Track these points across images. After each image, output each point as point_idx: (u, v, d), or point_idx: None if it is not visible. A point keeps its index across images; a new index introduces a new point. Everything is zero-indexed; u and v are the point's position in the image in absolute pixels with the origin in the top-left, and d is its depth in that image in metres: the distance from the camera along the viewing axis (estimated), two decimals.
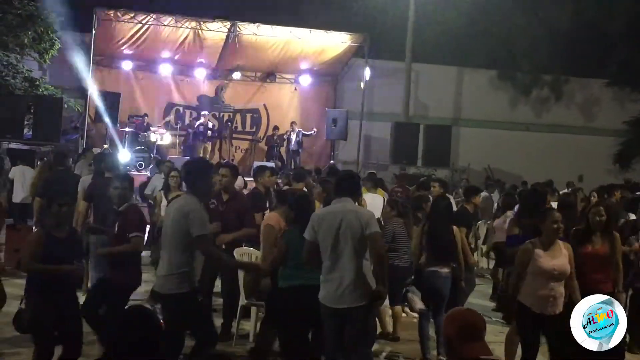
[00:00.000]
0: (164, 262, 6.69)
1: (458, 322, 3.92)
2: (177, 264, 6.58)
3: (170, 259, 6.62)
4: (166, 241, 6.72)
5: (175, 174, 11.19)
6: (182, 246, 6.58)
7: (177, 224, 6.60)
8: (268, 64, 25.64)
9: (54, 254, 6.83)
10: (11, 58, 21.98)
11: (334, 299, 6.59)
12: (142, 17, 22.67)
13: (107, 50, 23.98)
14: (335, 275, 6.58)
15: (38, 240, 6.95)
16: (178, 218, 6.61)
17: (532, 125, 29.45)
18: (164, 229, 6.86)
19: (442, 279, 8.63)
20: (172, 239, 6.64)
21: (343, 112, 24.64)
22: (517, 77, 30.00)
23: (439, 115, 27.89)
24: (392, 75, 26.64)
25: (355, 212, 6.76)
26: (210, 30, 23.41)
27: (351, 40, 24.45)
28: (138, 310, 4.04)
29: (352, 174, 8.07)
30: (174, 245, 6.61)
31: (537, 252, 7.05)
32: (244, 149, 26.18)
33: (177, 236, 6.59)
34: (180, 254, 6.58)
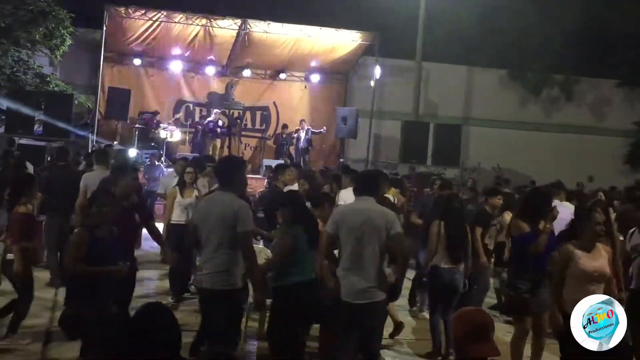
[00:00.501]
0: (210, 259, 6.70)
1: (466, 322, 3.92)
2: (226, 261, 6.64)
3: (217, 256, 6.65)
4: (211, 238, 6.70)
5: (190, 170, 11.10)
6: (229, 242, 6.62)
7: (225, 220, 6.63)
8: (278, 62, 25.66)
9: (98, 255, 6.73)
10: (22, 54, 22.05)
11: (355, 294, 6.69)
12: (153, 14, 22.71)
13: (118, 46, 24.04)
14: (358, 271, 6.69)
15: (81, 241, 6.76)
16: (225, 215, 6.64)
17: (542, 125, 29.37)
18: (206, 227, 6.76)
19: (458, 275, 8.88)
20: (219, 235, 6.65)
21: (353, 110, 24.63)
22: (527, 77, 29.90)
23: (449, 114, 27.85)
24: (402, 73, 26.60)
25: (381, 212, 6.88)
26: (221, 27, 23.43)
27: (361, 38, 24.44)
28: (155, 307, 4.02)
29: (375, 172, 8.18)
30: (222, 242, 6.64)
31: (577, 254, 6.85)
32: (253, 146, 26.20)
33: (225, 233, 6.63)
34: (228, 251, 6.63)
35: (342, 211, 6.97)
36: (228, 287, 6.64)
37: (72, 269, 6.78)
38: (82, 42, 24.12)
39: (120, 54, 24.72)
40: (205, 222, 6.75)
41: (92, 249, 6.70)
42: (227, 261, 6.63)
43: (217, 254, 6.64)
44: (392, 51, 26.19)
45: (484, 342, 3.82)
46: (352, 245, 6.71)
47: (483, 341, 3.82)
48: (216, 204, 6.80)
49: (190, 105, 25.73)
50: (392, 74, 26.41)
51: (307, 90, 26.87)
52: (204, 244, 6.76)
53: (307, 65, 26.07)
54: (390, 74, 26.19)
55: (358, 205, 6.96)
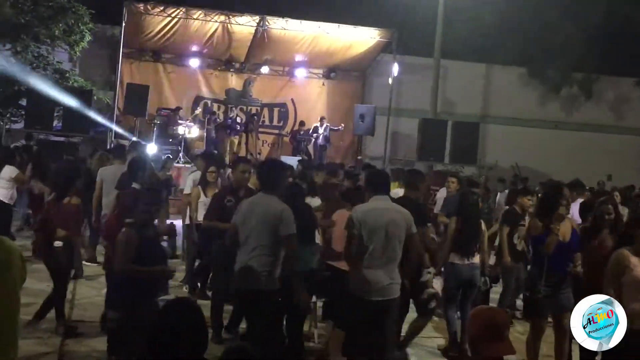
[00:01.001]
0: (248, 260, 6.76)
1: (481, 321, 3.90)
2: (269, 261, 6.72)
3: (256, 257, 6.72)
4: (250, 240, 6.78)
5: (213, 169, 11.07)
6: (270, 245, 6.71)
7: (266, 223, 6.73)
8: (296, 59, 25.64)
9: (146, 255, 6.69)
10: (42, 50, 22.18)
11: (378, 291, 6.83)
12: (172, 10, 22.79)
13: (137, 43, 24.14)
14: (383, 269, 6.84)
15: (130, 241, 6.67)
16: (267, 217, 6.73)
17: (561, 124, 29.23)
18: (246, 228, 6.82)
19: (474, 270, 9.00)
20: (259, 237, 6.73)
21: (371, 107, 24.59)
22: (547, 75, 29.75)
23: (467, 112, 27.73)
24: (421, 71, 26.51)
25: (400, 212, 7.06)
26: (239, 24, 23.48)
27: (380, 35, 24.41)
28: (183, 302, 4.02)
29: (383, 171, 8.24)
30: (262, 244, 6.73)
31: (633, 261, 6.48)
32: (271, 143, 26.23)
33: (266, 235, 6.71)
34: (267, 252, 6.72)
35: (363, 211, 6.98)
36: (266, 287, 6.73)
37: (122, 269, 6.70)
38: (101, 38, 24.27)
39: (139, 50, 24.83)
40: (246, 224, 6.83)
41: (139, 249, 6.66)
42: (266, 263, 6.72)
43: (255, 255, 6.72)
44: (410, 48, 26.14)
45: (498, 341, 3.80)
46: (377, 243, 6.81)
47: (498, 340, 3.80)
48: (258, 206, 6.87)
49: (209, 102, 25.78)
50: (410, 71, 26.34)
51: (325, 88, 26.87)
52: (242, 245, 6.84)
53: (325, 62, 26.08)
54: (408, 71, 26.12)
55: (377, 205, 7.03)
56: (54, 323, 8.64)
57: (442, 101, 26.68)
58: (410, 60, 26.43)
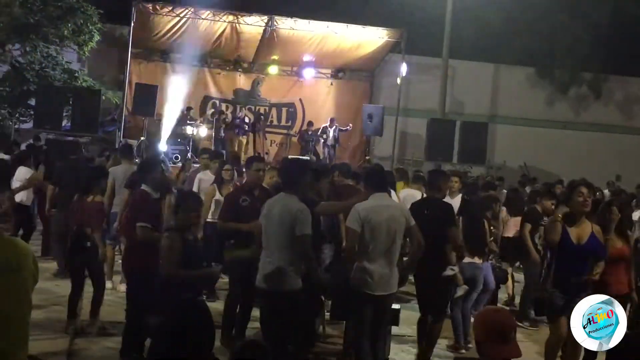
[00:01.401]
0: (270, 260, 6.81)
1: (487, 323, 3.88)
2: (289, 261, 6.75)
3: (280, 257, 6.77)
4: (271, 240, 6.84)
5: (228, 167, 11.00)
6: (291, 244, 6.75)
7: (283, 223, 6.78)
8: (304, 59, 25.64)
9: (189, 258, 6.69)
10: (51, 50, 22.26)
11: (382, 286, 6.96)
12: (180, 10, 22.80)
13: (145, 43, 24.15)
14: (386, 265, 6.97)
15: (176, 246, 6.64)
16: (284, 217, 6.77)
17: (569, 124, 29.16)
18: (268, 228, 6.88)
19: (479, 269, 9.19)
20: (281, 238, 6.78)
21: (379, 107, 24.56)
22: (555, 75, 29.70)
23: (475, 112, 27.70)
24: (429, 71, 26.52)
25: (399, 207, 7.36)
26: (248, 24, 23.49)
27: (388, 35, 24.37)
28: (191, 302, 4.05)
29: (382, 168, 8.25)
30: (284, 244, 6.77)
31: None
32: (279, 143, 26.24)
33: (286, 235, 6.75)
34: (290, 252, 6.75)
35: (366, 208, 7.01)
36: (287, 288, 6.74)
37: (170, 274, 6.63)
38: (109, 38, 24.33)
39: (147, 50, 24.84)
40: (268, 224, 6.90)
41: (183, 253, 6.66)
42: (288, 263, 6.74)
43: (278, 256, 6.77)
44: (419, 48, 26.12)
45: (504, 343, 3.79)
46: (379, 239, 6.90)
47: (503, 342, 3.79)
48: (277, 207, 6.90)
49: (217, 102, 25.79)
50: (418, 71, 26.34)
51: (333, 87, 26.87)
52: (265, 245, 6.90)
53: (333, 62, 26.08)
54: (416, 71, 26.11)
55: (378, 202, 7.10)
56: (63, 323, 8.68)
57: (451, 101, 26.67)
58: (419, 60, 26.43)
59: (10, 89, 21.67)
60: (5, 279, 4.03)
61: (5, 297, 4.03)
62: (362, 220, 6.90)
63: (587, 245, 7.46)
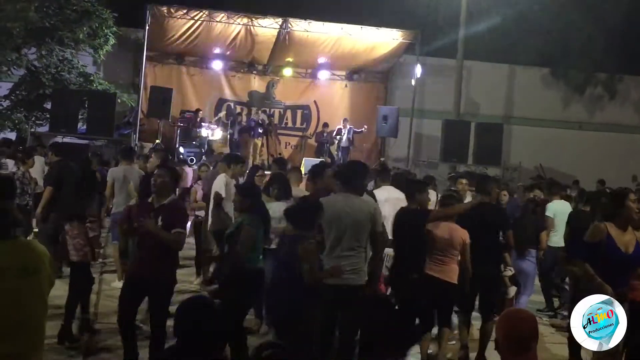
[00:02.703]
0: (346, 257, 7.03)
1: (507, 329, 3.85)
2: (360, 260, 7.13)
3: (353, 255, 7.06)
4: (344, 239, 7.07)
5: (261, 172, 11.02)
6: (364, 242, 7.14)
7: (360, 222, 7.10)
8: (319, 61, 25.65)
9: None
10: (67, 53, 22.38)
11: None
12: (195, 13, 22.84)
13: (160, 46, 24.21)
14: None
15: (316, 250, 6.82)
16: (360, 217, 7.09)
17: (585, 124, 29.04)
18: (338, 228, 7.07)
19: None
20: (353, 236, 7.08)
21: (394, 109, 24.55)
22: (570, 75, 29.57)
23: (490, 113, 27.62)
24: (443, 72, 26.46)
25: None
26: (262, 26, 23.49)
27: (402, 37, 24.34)
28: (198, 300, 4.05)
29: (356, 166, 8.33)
30: (357, 242, 7.10)
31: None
32: (294, 145, 26.26)
33: (360, 233, 7.10)
34: (361, 249, 7.12)
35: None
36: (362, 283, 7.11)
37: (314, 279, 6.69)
38: (124, 41, 24.41)
39: (162, 53, 24.91)
40: (336, 224, 7.09)
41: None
42: (362, 260, 7.11)
43: (352, 253, 7.05)
44: (433, 50, 26.09)
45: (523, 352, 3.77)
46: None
47: (523, 351, 3.77)
48: (347, 207, 7.14)
49: (232, 104, 25.83)
50: (433, 72, 26.29)
51: (347, 89, 26.87)
52: (332, 245, 7.08)
53: (347, 64, 26.07)
54: (431, 72, 26.07)
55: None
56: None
57: (465, 102, 26.62)
58: (433, 61, 26.39)
59: (27, 93, 21.81)
60: (23, 282, 4.05)
61: (22, 300, 4.05)
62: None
63: (635, 253, 7.10)
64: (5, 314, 3.99)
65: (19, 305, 4.04)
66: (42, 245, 4.55)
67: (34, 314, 4.15)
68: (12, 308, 4.01)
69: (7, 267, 4.02)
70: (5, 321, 3.99)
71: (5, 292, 3.99)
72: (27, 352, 4.08)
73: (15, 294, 4.03)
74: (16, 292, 4.03)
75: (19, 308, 4.04)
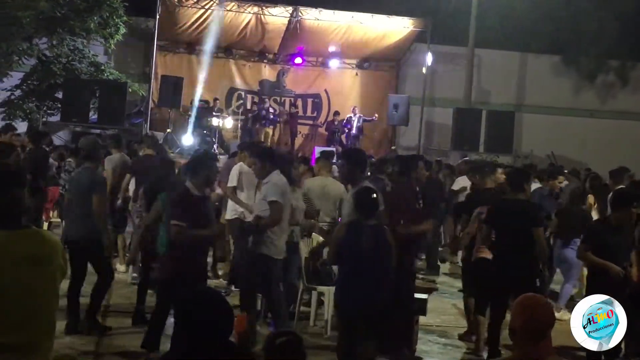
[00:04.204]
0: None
1: (525, 315, 3.84)
2: None
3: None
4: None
5: (296, 165, 10.46)
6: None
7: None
8: (330, 49, 25.62)
9: None
10: (77, 43, 22.35)
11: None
12: (205, 2, 22.91)
13: (171, 35, 24.26)
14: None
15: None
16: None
17: (596, 112, 28.85)
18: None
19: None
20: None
21: (404, 97, 24.53)
22: (581, 63, 29.39)
23: (502, 101, 27.50)
24: (455, 60, 26.38)
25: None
26: (272, 15, 23.53)
27: (413, 25, 24.32)
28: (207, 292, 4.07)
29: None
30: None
31: None
32: (305, 134, 26.26)
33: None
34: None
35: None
36: None
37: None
38: (135, 30, 24.39)
39: (173, 42, 24.94)
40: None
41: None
42: None
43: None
44: (444, 38, 26.03)
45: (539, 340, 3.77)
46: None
47: (539, 338, 3.77)
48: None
49: (242, 93, 25.85)
50: (444, 60, 26.23)
51: (358, 78, 26.83)
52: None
53: (358, 53, 26.03)
54: (442, 60, 26.02)
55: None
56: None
57: (477, 90, 26.51)
58: (444, 49, 26.33)
59: (38, 83, 21.80)
60: (35, 271, 4.05)
61: (34, 289, 4.05)
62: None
63: None
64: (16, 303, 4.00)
65: (30, 295, 4.04)
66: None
67: (46, 304, 4.16)
68: (24, 298, 4.02)
69: (19, 257, 4.03)
70: (16, 311, 4.00)
71: (16, 281, 3.99)
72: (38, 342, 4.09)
73: (27, 283, 4.03)
74: (28, 281, 4.03)
75: (30, 298, 4.05)
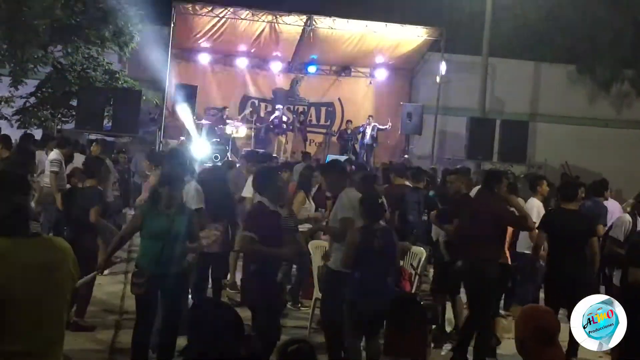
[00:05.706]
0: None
1: (532, 323, 3.85)
2: None
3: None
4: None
5: (316, 174, 10.57)
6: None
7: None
8: (343, 58, 25.67)
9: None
10: (92, 51, 22.46)
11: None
12: (220, 10, 22.99)
13: (185, 43, 24.36)
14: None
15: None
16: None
17: (611, 122, 28.71)
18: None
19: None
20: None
21: (418, 106, 24.51)
22: (596, 72, 29.28)
23: (516, 110, 27.40)
24: (468, 69, 26.32)
25: None
26: (287, 23, 23.59)
27: (427, 34, 24.31)
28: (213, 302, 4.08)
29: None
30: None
31: None
32: (318, 142, 26.27)
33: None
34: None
35: None
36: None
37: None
38: (149, 39, 24.49)
39: (187, 50, 25.06)
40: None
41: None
42: None
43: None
44: (458, 47, 26.01)
45: (549, 346, 3.76)
46: None
47: (548, 345, 3.76)
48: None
49: (256, 102, 25.91)
50: (457, 69, 26.17)
51: (371, 87, 26.86)
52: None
53: (372, 61, 26.06)
54: (456, 69, 25.96)
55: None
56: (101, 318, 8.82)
57: (491, 99, 26.46)
58: (458, 58, 26.29)
59: (53, 90, 21.93)
60: (45, 277, 4.06)
61: (44, 296, 4.06)
62: None
63: None
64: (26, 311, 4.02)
65: (40, 302, 4.06)
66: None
67: (56, 311, 4.18)
68: (33, 306, 4.04)
69: (29, 264, 4.04)
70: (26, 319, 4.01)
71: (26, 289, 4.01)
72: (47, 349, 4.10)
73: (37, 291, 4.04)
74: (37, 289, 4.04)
75: (40, 305, 4.06)
